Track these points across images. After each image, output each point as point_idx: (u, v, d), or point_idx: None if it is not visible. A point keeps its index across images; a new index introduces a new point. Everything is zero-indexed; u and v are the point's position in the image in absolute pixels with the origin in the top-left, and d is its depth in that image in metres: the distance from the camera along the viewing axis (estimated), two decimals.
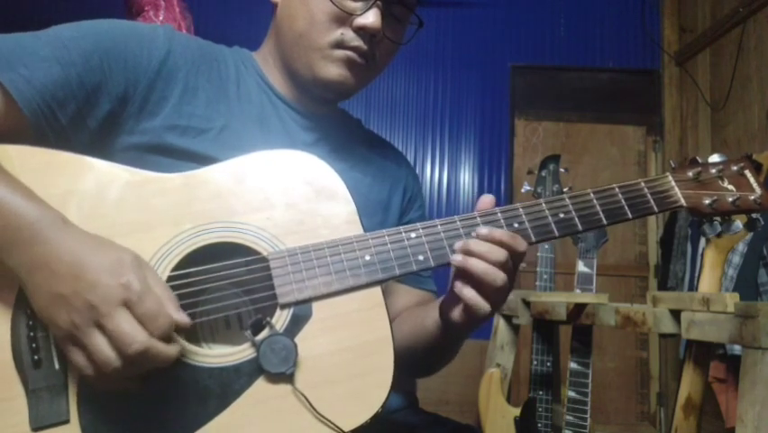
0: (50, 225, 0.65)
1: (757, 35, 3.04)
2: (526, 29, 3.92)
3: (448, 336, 0.86)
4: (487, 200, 0.80)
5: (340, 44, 0.85)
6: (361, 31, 0.84)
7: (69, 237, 0.65)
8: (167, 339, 0.63)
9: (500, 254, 0.73)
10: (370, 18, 0.84)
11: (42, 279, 0.63)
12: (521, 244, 0.75)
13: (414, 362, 0.93)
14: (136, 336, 0.61)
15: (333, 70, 0.86)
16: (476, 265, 0.73)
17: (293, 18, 0.87)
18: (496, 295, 0.75)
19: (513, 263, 0.75)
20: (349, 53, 0.86)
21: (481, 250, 0.74)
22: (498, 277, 0.73)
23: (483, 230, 0.75)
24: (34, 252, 0.63)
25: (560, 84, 3.90)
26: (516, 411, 1.89)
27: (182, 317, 0.65)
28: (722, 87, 3.30)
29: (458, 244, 0.75)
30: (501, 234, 0.74)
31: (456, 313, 0.79)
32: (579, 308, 1.66)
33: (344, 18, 0.85)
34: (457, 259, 0.75)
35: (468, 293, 0.75)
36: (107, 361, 0.61)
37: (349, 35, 0.85)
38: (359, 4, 0.85)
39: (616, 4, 3.91)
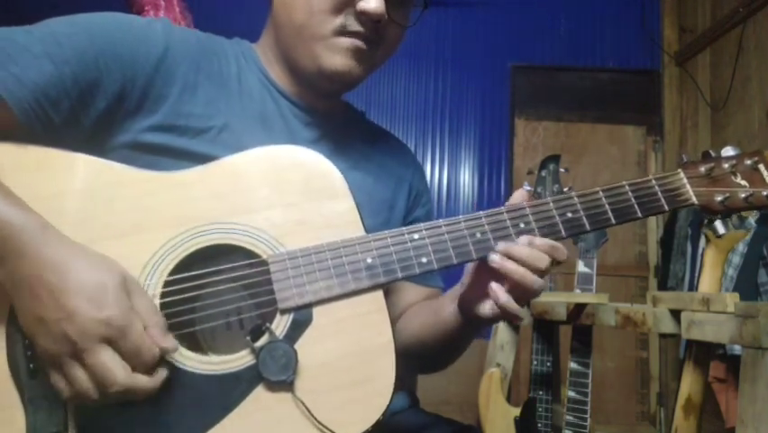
0: (34, 235, 0.63)
1: (757, 35, 3.04)
2: (526, 29, 3.91)
3: (467, 328, 0.86)
4: (518, 195, 0.80)
5: (343, 31, 0.81)
6: (364, 16, 0.80)
7: (52, 250, 0.63)
8: (151, 370, 0.63)
9: (542, 261, 0.74)
10: (372, 2, 0.80)
11: (25, 298, 0.62)
12: (562, 254, 0.76)
13: (425, 355, 0.92)
14: (116, 377, 0.61)
15: (337, 60, 0.82)
16: (515, 270, 0.74)
17: (291, 8, 0.83)
18: (528, 296, 0.76)
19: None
20: (354, 41, 0.82)
21: (523, 254, 0.74)
22: (536, 283, 0.74)
23: (525, 239, 0.75)
24: (18, 266, 0.62)
25: (560, 84, 3.90)
26: (516, 411, 1.89)
27: (168, 344, 0.64)
28: (722, 87, 3.30)
29: (500, 246, 0.76)
30: (544, 242, 0.75)
31: (485, 308, 0.79)
32: (579, 308, 1.67)
33: (345, 4, 0.81)
34: (495, 260, 0.75)
35: (503, 297, 0.75)
36: (86, 393, 0.62)
37: (351, 21, 0.81)
38: None
39: (616, 4, 3.90)
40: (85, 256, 0.65)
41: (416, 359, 0.93)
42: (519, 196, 0.80)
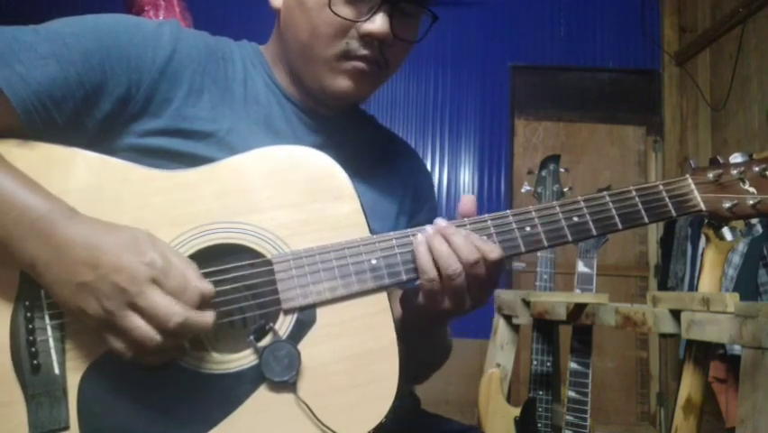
0: (62, 216, 0.65)
1: (757, 35, 3.04)
2: (526, 29, 3.92)
3: (408, 327, 0.82)
4: (468, 202, 0.78)
5: (346, 55, 0.80)
6: (368, 38, 0.79)
7: (82, 225, 0.65)
8: (199, 309, 0.64)
9: (470, 253, 0.72)
10: (377, 23, 0.78)
11: (62, 270, 0.63)
12: (493, 251, 0.73)
13: None
14: (174, 309, 0.62)
15: (341, 83, 0.81)
16: (439, 247, 0.72)
17: (295, 29, 0.82)
18: (454, 291, 0.73)
19: (486, 271, 0.73)
20: (357, 64, 0.80)
21: (450, 234, 0.72)
22: (457, 269, 0.72)
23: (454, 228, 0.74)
24: (49, 243, 0.64)
25: (560, 84, 3.91)
26: (516, 411, 1.89)
27: (207, 286, 0.65)
28: (722, 87, 3.30)
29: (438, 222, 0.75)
30: (475, 237, 0.74)
31: (417, 298, 0.77)
32: (579, 308, 1.66)
33: (349, 26, 0.79)
34: (428, 231, 0.74)
35: (425, 261, 0.73)
36: (148, 339, 0.62)
37: (354, 44, 0.79)
38: (363, 9, 0.78)
39: (615, 4, 3.91)
40: (111, 224, 0.67)
41: None
42: (468, 203, 0.78)
